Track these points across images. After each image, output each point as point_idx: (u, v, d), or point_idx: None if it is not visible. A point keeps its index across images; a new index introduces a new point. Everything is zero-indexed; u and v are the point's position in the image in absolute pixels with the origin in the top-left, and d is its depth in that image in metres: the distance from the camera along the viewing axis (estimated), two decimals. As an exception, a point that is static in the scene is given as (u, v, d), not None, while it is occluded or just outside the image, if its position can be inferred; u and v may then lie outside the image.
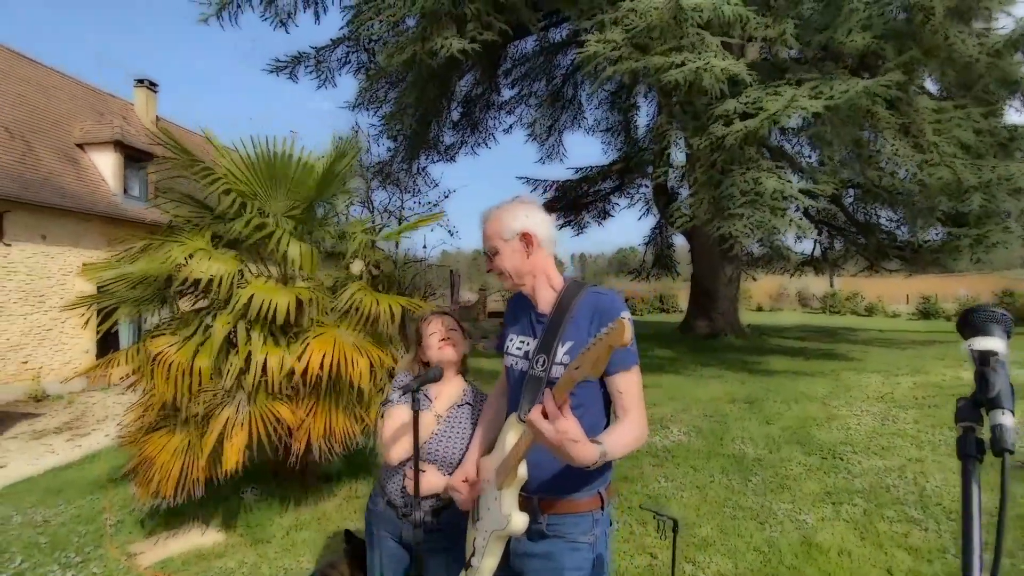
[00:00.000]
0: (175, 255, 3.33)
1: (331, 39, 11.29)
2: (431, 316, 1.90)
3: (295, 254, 3.57)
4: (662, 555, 2.99)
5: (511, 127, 16.17)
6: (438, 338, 1.82)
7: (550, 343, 1.42)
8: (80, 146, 11.97)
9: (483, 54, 9.34)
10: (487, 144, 15.80)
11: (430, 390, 1.81)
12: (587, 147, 51.55)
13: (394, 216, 15.62)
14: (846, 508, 3.42)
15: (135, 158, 12.30)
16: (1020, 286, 20.22)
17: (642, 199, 15.75)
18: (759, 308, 29.03)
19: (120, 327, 10.53)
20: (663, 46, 6.86)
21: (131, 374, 3.60)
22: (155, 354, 3.34)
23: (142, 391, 3.61)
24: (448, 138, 15.25)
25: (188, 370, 3.28)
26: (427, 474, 1.68)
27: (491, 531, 1.42)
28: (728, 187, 7.00)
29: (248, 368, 3.29)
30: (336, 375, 3.38)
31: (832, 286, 28.05)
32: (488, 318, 19.17)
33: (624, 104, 15.40)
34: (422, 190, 16.28)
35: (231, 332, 3.45)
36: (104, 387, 10.29)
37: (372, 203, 16.05)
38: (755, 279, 17.92)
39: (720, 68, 6.63)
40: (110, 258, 3.70)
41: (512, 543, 1.46)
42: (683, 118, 7.98)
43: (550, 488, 1.41)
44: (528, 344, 1.51)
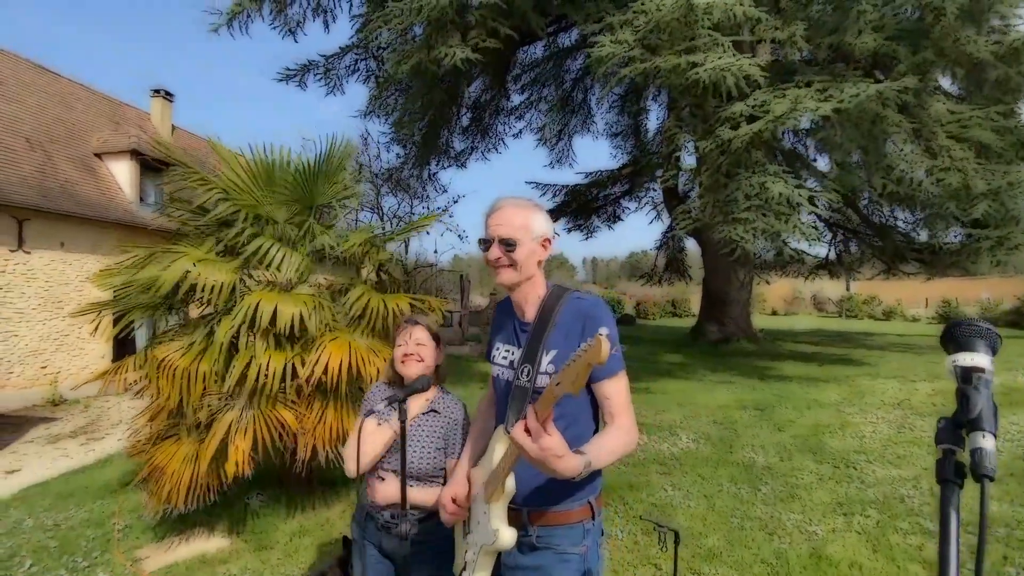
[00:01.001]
0: (177, 263, 3.38)
1: (340, 47, 11.43)
2: (404, 325, 1.85)
3: (284, 262, 3.61)
4: (667, 566, 2.93)
5: (521, 132, 16.21)
6: (403, 352, 1.78)
7: (534, 352, 1.40)
8: (98, 155, 12.25)
9: (491, 60, 9.36)
10: (497, 149, 15.86)
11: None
12: (597, 151, 51.99)
13: (403, 222, 15.72)
14: (858, 519, 3.33)
15: (151, 167, 12.54)
16: (1044, 289, 19.68)
17: (651, 203, 15.67)
18: (773, 312, 28.67)
19: (136, 333, 10.69)
20: (674, 47, 6.80)
21: (139, 380, 3.65)
22: (160, 360, 3.38)
23: (150, 397, 3.65)
24: (458, 144, 15.32)
25: (192, 375, 3.31)
26: (386, 483, 1.71)
27: (480, 545, 1.40)
28: (733, 191, 6.92)
29: (249, 373, 3.31)
30: (357, 377, 3.43)
31: (848, 289, 27.54)
32: (498, 323, 19.11)
33: (633, 108, 15.37)
34: (431, 196, 16.39)
35: (235, 337, 3.48)
36: (118, 392, 10.42)
37: (382, 209, 16.19)
38: (768, 283, 17.70)
39: (744, 66, 6.55)
40: (118, 265, 3.76)
41: (503, 555, 1.44)
42: (692, 121, 7.91)
43: (539, 500, 1.39)
44: (512, 353, 1.49)
